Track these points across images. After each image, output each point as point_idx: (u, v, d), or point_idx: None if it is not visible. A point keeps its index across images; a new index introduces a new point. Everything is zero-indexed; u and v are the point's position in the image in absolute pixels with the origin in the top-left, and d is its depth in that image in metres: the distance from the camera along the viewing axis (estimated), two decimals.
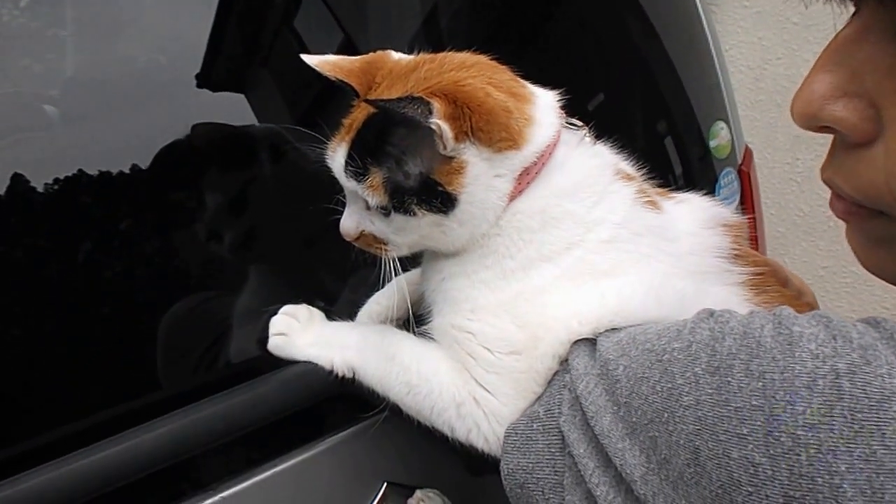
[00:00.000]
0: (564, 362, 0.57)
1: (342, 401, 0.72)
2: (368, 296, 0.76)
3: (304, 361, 0.70)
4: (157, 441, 0.63)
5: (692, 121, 1.34)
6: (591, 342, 0.56)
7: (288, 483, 0.70)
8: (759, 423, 0.39)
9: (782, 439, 0.38)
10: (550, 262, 0.60)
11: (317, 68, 0.64)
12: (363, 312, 0.76)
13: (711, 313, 0.47)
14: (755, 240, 1.43)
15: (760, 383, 0.40)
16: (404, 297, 0.67)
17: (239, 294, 0.77)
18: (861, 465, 0.36)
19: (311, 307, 0.74)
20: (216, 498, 0.65)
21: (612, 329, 0.55)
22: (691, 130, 1.35)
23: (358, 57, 0.66)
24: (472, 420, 0.61)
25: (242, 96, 0.81)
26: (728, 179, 1.38)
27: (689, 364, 0.44)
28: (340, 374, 0.68)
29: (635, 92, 1.29)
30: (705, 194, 0.71)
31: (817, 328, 0.41)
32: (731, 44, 2.15)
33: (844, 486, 0.36)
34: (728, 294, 0.60)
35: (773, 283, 0.65)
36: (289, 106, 0.87)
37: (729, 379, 0.41)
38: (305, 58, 0.65)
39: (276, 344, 0.70)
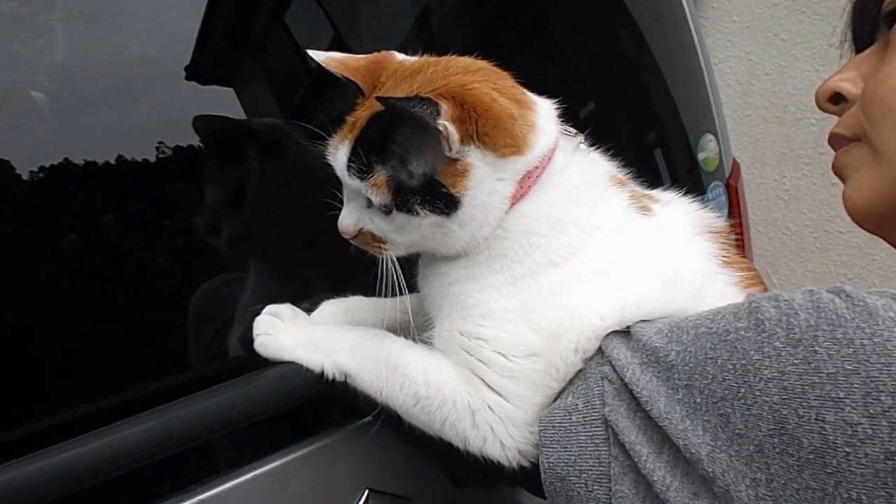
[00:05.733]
0: (597, 355, 0.61)
1: (326, 404, 0.74)
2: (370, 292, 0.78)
3: (289, 363, 0.72)
4: (133, 439, 0.63)
5: (681, 132, 1.40)
6: (622, 335, 0.60)
7: (267, 487, 0.72)
8: (856, 385, 0.44)
9: (882, 398, 0.43)
10: (558, 267, 0.64)
11: (323, 64, 0.68)
12: (320, 313, 0.78)
13: (762, 296, 0.52)
14: (743, 254, 1.50)
15: (851, 349, 0.45)
16: (405, 310, 0.68)
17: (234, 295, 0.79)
18: None
19: (294, 307, 0.76)
20: (194, 500, 0.66)
21: (643, 321, 0.60)
22: (680, 142, 1.41)
23: (363, 55, 0.70)
24: (488, 427, 0.64)
25: (231, 90, 0.84)
26: (716, 193, 1.44)
27: (765, 340, 0.48)
28: (330, 378, 0.71)
29: (625, 102, 1.35)
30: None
31: (885, 300, 0.47)
32: (719, 58, 2.22)
33: None
34: (727, 291, 0.65)
35: (761, 284, 0.70)
36: (278, 101, 0.89)
37: (815, 348, 0.46)
38: (312, 53, 0.68)
39: (262, 343, 0.72)
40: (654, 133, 1.39)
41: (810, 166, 2.18)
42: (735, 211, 1.48)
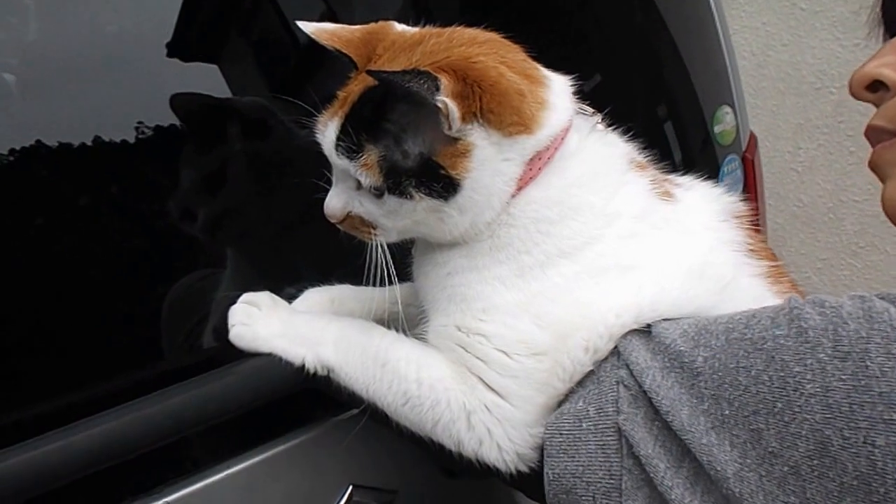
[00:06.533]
0: (613, 357, 0.56)
1: (308, 397, 0.69)
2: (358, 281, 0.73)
3: (267, 354, 0.66)
4: (104, 436, 0.58)
5: (695, 105, 1.34)
6: (642, 335, 0.55)
7: (240, 487, 0.67)
8: None
9: None
10: (570, 259, 0.59)
11: (313, 36, 0.62)
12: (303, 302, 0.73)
13: (804, 301, 0.47)
14: (758, 229, 1.45)
15: None
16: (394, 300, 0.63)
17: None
18: None
19: (274, 295, 0.70)
20: (170, 499, 0.62)
21: (665, 320, 0.55)
22: (694, 115, 1.34)
23: (358, 26, 0.64)
24: (484, 428, 0.59)
25: (215, 67, 0.79)
26: (731, 167, 1.38)
27: (809, 350, 0.44)
28: (312, 372, 0.65)
29: (635, 73, 1.28)
30: (708, 180, 0.71)
31: None
32: (734, 28, 2.15)
33: None
34: (753, 285, 0.61)
35: (786, 275, 0.65)
36: (266, 78, 0.85)
37: (867, 363, 0.42)
38: (302, 24, 0.63)
39: (237, 334, 0.66)
40: (665, 105, 1.33)
41: (827, 136, 2.13)
42: (750, 184, 1.42)
